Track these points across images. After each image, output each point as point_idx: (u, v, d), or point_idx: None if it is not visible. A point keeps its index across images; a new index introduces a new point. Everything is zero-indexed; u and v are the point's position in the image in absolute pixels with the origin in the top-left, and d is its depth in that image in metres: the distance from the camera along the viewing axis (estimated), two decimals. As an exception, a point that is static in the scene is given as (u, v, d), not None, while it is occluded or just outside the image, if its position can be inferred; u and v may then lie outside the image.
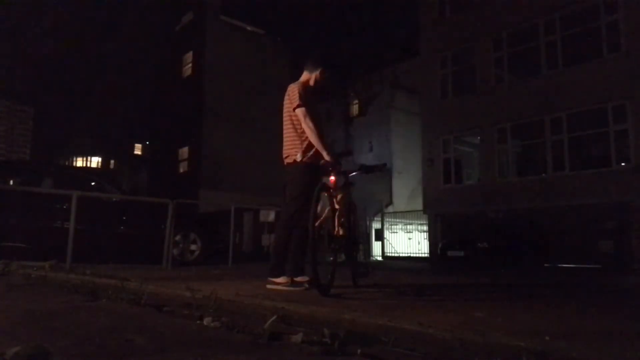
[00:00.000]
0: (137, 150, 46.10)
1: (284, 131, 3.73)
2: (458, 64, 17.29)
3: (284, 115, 3.73)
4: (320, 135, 3.57)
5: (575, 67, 14.08)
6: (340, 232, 3.46)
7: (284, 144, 3.73)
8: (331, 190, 3.43)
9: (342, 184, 3.56)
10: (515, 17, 15.39)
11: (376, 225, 19.85)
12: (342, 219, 3.50)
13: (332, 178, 3.46)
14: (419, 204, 19.71)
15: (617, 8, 13.29)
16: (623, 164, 13.19)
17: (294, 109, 3.59)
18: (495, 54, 16.04)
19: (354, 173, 3.84)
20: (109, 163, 48.49)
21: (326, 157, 3.50)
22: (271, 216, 14.17)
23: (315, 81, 3.75)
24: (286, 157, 3.71)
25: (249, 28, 25.74)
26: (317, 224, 3.25)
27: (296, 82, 3.73)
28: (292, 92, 3.64)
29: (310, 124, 3.53)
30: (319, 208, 3.32)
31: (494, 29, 15.95)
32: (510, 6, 15.53)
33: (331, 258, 3.41)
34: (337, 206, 3.45)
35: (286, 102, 3.70)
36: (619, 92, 12.94)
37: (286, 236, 3.58)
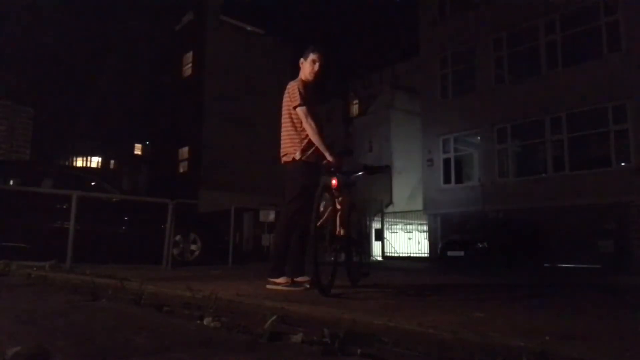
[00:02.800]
0: (137, 151, 46.02)
1: (283, 129, 3.69)
2: (458, 64, 17.28)
3: (284, 113, 3.69)
4: (322, 135, 3.53)
5: (575, 67, 14.08)
6: (342, 232, 3.44)
7: (283, 142, 3.69)
8: (333, 191, 3.41)
9: (344, 184, 3.53)
10: (515, 17, 15.38)
11: (376, 225, 19.82)
12: (344, 219, 3.48)
13: (335, 178, 3.43)
14: (419, 204, 19.70)
15: (617, 8, 13.29)
16: (623, 164, 13.19)
17: (295, 108, 3.55)
18: (495, 54, 16.04)
19: (358, 174, 3.82)
20: (109, 163, 48.43)
21: (328, 157, 3.49)
22: (271, 216, 14.15)
23: (313, 73, 3.69)
24: (284, 156, 3.67)
25: (249, 28, 25.74)
26: (318, 223, 3.23)
27: (295, 80, 3.69)
28: (292, 90, 3.60)
29: (312, 123, 3.50)
30: (320, 208, 3.29)
31: (494, 29, 15.95)
32: (510, 6, 15.53)
33: (332, 258, 3.39)
34: (339, 206, 3.43)
35: (286, 99, 3.66)
36: (619, 92, 12.93)
37: (286, 237, 3.55)
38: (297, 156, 3.55)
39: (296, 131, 3.60)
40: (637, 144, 12.67)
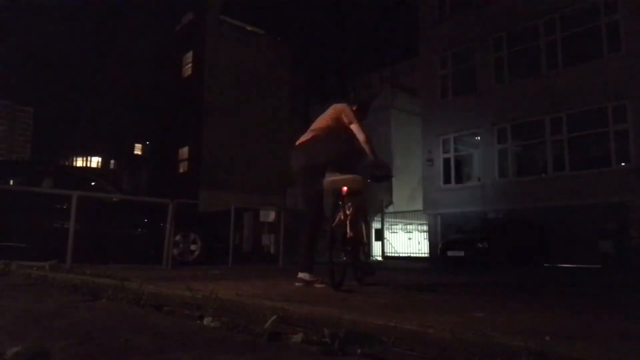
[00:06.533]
0: (137, 150, 46.09)
1: (323, 137, 3.96)
2: (458, 64, 17.28)
3: (329, 123, 4.01)
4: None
5: (575, 67, 14.08)
6: (352, 235, 3.78)
7: (313, 146, 3.93)
8: (345, 197, 3.78)
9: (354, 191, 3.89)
10: (515, 17, 15.38)
11: (376, 225, 19.83)
12: (354, 223, 3.83)
13: (345, 187, 3.80)
14: (419, 204, 19.70)
15: (617, 8, 13.29)
16: (623, 164, 13.19)
17: (350, 124, 3.96)
18: (495, 54, 16.04)
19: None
20: (109, 163, 48.44)
21: (371, 156, 3.98)
22: (271, 216, 14.16)
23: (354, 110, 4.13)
24: (312, 158, 3.91)
25: (249, 28, 25.73)
26: (332, 226, 3.65)
27: (343, 104, 4.10)
28: (348, 112, 4.01)
29: (363, 135, 3.97)
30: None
31: (494, 29, 15.95)
32: (510, 6, 15.53)
33: (344, 258, 3.80)
34: (349, 211, 3.79)
35: (331, 112, 4.06)
36: (619, 92, 12.93)
37: (314, 238, 3.86)
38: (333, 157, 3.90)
39: (339, 141, 3.96)
40: (637, 144, 12.67)
